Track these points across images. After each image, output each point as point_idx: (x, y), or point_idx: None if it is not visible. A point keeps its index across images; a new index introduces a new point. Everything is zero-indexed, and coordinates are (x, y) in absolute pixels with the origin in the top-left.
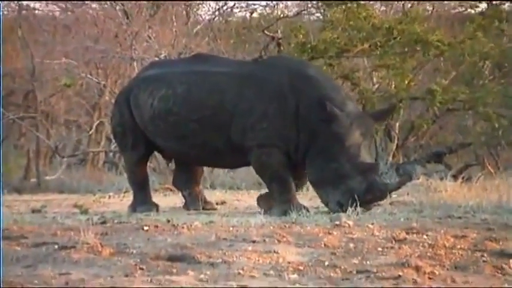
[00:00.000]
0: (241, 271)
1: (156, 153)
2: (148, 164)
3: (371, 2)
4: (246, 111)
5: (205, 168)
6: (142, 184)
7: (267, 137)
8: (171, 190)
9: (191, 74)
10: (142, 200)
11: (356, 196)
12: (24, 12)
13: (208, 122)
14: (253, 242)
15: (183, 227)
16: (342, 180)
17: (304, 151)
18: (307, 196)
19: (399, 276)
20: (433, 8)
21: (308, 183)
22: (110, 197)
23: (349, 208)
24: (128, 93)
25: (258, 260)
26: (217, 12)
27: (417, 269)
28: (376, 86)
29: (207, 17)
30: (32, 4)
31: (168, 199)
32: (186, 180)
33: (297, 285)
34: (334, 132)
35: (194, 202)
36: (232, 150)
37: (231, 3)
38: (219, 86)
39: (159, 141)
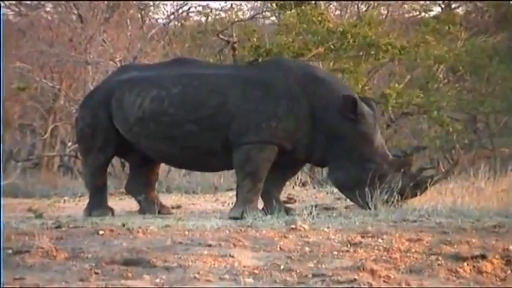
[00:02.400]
0: (196, 275)
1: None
2: None
3: (325, 5)
4: (251, 111)
5: (160, 172)
6: (101, 188)
7: (273, 135)
8: (126, 194)
9: (184, 76)
10: (98, 204)
11: (402, 192)
12: None
13: (206, 122)
14: (209, 246)
15: (138, 231)
16: (383, 180)
17: (322, 153)
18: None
19: (354, 279)
20: (388, 12)
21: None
22: (64, 201)
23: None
24: (105, 95)
25: (214, 264)
26: (172, 16)
27: (372, 272)
28: None
29: (162, 21)
30: None
31: (124, 203)
32: (140, 185)
33: None
34: (363, 133)
35: (150, 206)
36: (225, 151)
37: (186, 7)
38: (221, 87)
39: (144, 143)
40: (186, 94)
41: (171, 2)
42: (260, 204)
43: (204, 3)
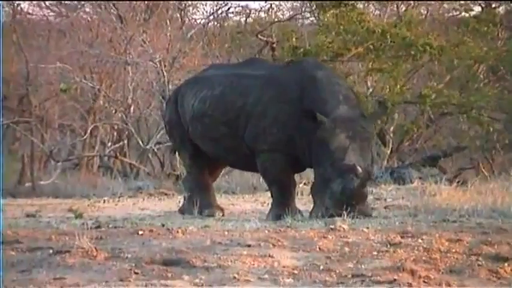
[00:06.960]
0: (236, 275)
1: (150, 157)
2: (143, 168)
3: (364, 5)
4: (261, 114)
5: None
6: (204, 185)
7: (277, 141)
8: (165, 194)
9: (230, 76)
10: (207, 203)
11: (337, 199)
12: (18, 16)
13: (234, 124)
14: (248, 246)
15: (178, 232)
16: (327, 184)
17: (309, 156)
18: (302, 201)
19: (394, 280)
20: (427, 12)
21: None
22: (104, 201)
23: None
24: (177, 93)
25: (253, 264)
26: (211, 17)
27: (412, 273)
28: (371, 90)
29: (202, 21)
30: (26, 8)
31: (163, 203)
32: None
33: None
34: (320, 138)
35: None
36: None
37: (225, 8)
38: (246, 88)
39: (199, 143)
40: (222, 95)
41: (211, 2)
42: (298, 205)
43: (244, 3)
